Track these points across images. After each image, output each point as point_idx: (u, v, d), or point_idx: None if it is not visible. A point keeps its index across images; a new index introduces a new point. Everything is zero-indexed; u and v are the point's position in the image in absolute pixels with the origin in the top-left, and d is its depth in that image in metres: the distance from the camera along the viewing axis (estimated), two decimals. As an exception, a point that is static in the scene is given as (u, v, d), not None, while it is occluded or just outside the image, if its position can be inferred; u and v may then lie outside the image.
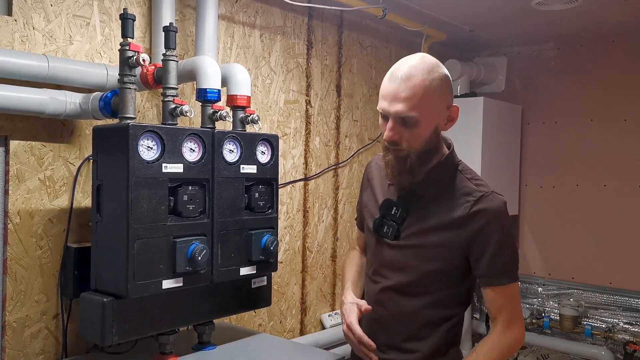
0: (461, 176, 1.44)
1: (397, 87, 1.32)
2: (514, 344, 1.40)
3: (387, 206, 1.48)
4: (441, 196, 1.42)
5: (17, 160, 1.65)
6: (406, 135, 1.35)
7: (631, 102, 3.24)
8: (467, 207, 1.38)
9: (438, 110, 1.36)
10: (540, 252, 3.59)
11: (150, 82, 1.60)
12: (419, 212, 1.44)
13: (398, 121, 1.34)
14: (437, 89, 1.34)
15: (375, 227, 1.51)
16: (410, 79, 1.31)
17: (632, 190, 3.23)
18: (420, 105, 1.31)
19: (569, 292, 3.45)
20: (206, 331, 1.72)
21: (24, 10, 1.65)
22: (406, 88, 1.31)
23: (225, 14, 2.25)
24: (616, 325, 3.26)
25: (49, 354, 1.72)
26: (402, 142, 1.36)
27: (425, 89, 1.31)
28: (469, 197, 1.39)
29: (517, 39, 3.51)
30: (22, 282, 1.67)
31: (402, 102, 1.31)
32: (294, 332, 2.62)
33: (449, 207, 1.40)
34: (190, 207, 1.53)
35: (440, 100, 1.36)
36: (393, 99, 1.32)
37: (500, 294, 1.39)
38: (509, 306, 1.39)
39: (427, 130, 1.36)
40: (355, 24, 2.93)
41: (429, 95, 1.32)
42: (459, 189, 1.41)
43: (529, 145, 3.63)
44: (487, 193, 1.40)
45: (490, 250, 1.37)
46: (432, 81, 1.33)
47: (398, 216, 1.45)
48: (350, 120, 2.92)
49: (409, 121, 1.33)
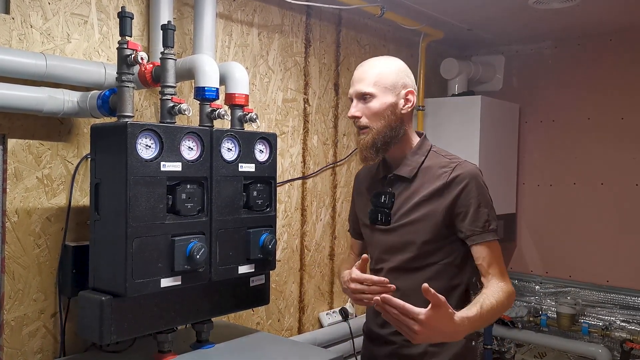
0: (436, 154, 1.60)
1: (360, 71, 1.58)
2: (512, 294, 1.46)
3: (377, 197, 1.63)
4: (420, 174, 1.57)
5: (14, 159, 1.65)
6: (366, 112, 1.54)
7: (628, 101, 3.24)
8: (445, 176, 1.52)
9: (392, 88, 1.53)
10: (538, 250, 3.59)
11: (149, 81, 1.60)
12: (404, 194, 1.58)
13: (359, 99, 1.55)
14: (392, 71, 1.55)
15: (371, 218, 1.63)
16: (369, 64, 1.58)
17: (629, 188, 3.24)
18: (375, 83, 1.53)
19: (566, 290, 3.46)
20: (204, 329, 1.72)
21: (22, 8, 1.64)
22: (365, 71, 1.56)
23: (223, 12, 2.25)
24: (613, 323, 3.26)
25: (47, 352, 1.72)
26: (362, 118, 1.54)
27: (379, 70, 1.54)
28: (445, 168, 1.54)
29: (515, 37, 3.52)
30: (20, 280, 1.66)
31: (361, 82, 1.55)
32: (292, 331, 2.63)
33: (429, 181, 1.55)
34: (188, 205, 1.53)
35: (394, 80, 1.54)
36: (355, 81, 1.56)
37: (488, 249, 1.49)
38: (497, 261, 1.50)
39: (383, 105, 1.52)
40: (353, 23, 2.93)
41: (383, 75, 1.53)
42: (435, 164, 1.57)
43: (527, 144, 3.64)
44: (461, 162, 1.56)
45: (472, 208, 1.49)
46: (388, 66, 1.56)
47: (387, 202, 1.59)
48: (348, 119, 2.92)
49: (366, 97, 1.53)
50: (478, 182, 1.52)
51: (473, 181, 1.51)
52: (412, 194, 1.56)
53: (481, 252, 1.49)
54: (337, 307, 2.84)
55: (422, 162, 1.57)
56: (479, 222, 1.49)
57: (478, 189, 1.51)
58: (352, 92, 1.57)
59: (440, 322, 1.25)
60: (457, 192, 1.50)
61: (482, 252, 1.49)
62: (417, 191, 1.55)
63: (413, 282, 1.50)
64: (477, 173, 1.53)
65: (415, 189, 1.56)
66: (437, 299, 1.23)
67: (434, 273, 1.54)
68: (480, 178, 1.53)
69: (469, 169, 1.53)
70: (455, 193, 1.50)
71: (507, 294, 1.45)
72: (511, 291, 1.47)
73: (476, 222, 1.49)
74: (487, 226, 1.50)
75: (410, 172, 1.57)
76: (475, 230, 1.49)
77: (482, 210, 1.50)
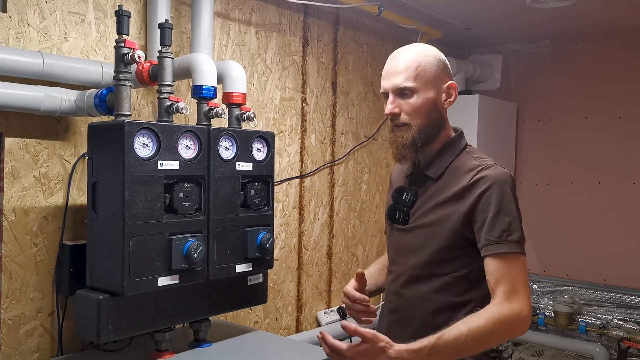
0: (467, 156, 1.47)
1: (395, 63, 1.43)
2: (511, 317, 1.25)
3: (399, 192, 1.53)
4: (446, 175, 1.45)
5: (12, 158, 1.64)
6: (405, 108, 1.42)
7: (625, 99, 3.25)
8: (469, 178, 1.39)
9: (434, 82, 1.42)
10: (535, 249, 3.60)
11: (146, 79, 1.60)
12: (426, 193, 1.47)
13: (397, 94, 1.42)
14: (433, 62, 1.43)
15: (389, 215, 1.55)
16: (406, 55, 1.43)
17: (626, 187, 3.25)
18: (416, 76, 1.40)
19: (563, 289, 3.47)
20: (202, 328, 1.72)
21: (19, 7, 1.64)
22: (403, 62, 1.42)
23: (221, 11, 2.25)
24: (610, 321, 3.27)
25: (44, 351, 1.72)
26: (402, 115, 1.42)
27: (420, 62, 1.41)
28: (472, 171, 1.40)
29: (513, 36, 3.52)
30: (18, 279, 1.66)
31: (399, 74, 1.41)
32: (289, 330, 2.63)
33: (453, 183, 1.42)
34: (186, 204, 1.53)
35: (436, 73, 1.43)
36: (391, 75, 1.42)
37: (500, 263, 1.30)
38: (509, 278, 1.28)
39: (425, 101, 1.41)
40: (351, 22, 2.93)
41: (424, 67, 1.41)
42: (464, 166, 1.43)
43: (524, 143, 3.64)
44: (490, 165, 1.41)
45: (491, 215, 1.33)
46: (427, 56, 1.43)
47: (408, 200, 1.49)
48: (346, 118, 2.92)
49: (406, 92, 1.41)
50: (503, 187, 1.35)
51: (497, 185, 1.35)
52: (434, 194, 1.44)
53: (491, 266, 1.31)
54: (335, 306, 2.85)
55: (451, 161, 1.45)
56: (496, 231, 1.32)
57: (501, 194, 1.34)
58: (388, 87, 1.43)
59: (372, 355, 1.20)
60: (477, 196, 1.35)
61: (492, 265, 1.31)
62: (439, 192, 1.43)
63: (418, 292, 1.45)
64: (506, 179, 1.37)
65: (438, 190, 1.44)
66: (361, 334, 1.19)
67: (443, 285, 1.41)
68: (507, 184, 1.36)
69: (496, 173, 1.37)
70: (476, 196, 1.35)
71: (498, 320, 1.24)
72: (510, 314, 1.25)
73: (492, 231, 1.32)
74: (504, 236, 1.31)
75: (436, 172, 1.45)
76: (490, 240, 1.31)
77: (503, 218, 1.32)
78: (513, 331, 1.29)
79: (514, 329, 1.28)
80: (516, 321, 1.26)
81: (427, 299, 1.44)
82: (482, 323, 1.23)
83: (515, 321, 1.26)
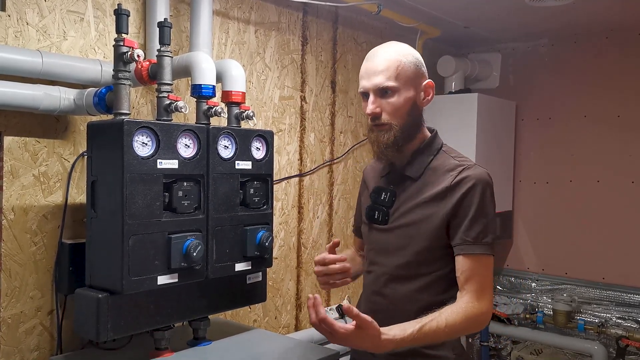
0: (445, 155, 1.49)
1: (374, 63, 1.43)
2: (480, 316, 1.35)
3: (377, 192, 1.54)
4: (426, 175, 1.47)
5: (11, 156, 1.65)
6: (387, 108, 1.42)
7: (624, 98, 3.25)
8: (451, 179, 1.42)
9: (414, 81, 1.44)
10: (534, 248, 3.60)
11: (145, 78, 1.60)
12: (406, 193, 1.48)
13: (377, 94, 1.42)
14: (412, 62, 1.44)
15: (368, 216, 1.55)
16: (385, 55, 1.43)
17: (625, 186, 3.25)
18: (397, 75, 1.41)
19: (562, 288, 3.48)
20: (201, 327, 1.72)
21: (18, 6, 1.64)
22: (382, 61, 1.42)
23: (220, 9, 2.25)
24: (609, 320, 3.28)
25: (43, 350, 1.72)
26: (383, 115, 1.42)
27: (400, 61, 1.42)
28: (452, 171, 1.43)
29: (512, 35, 3.52)
30: (17, 278, 1.66)
31: (379, 74, 1.41)
32: (289, 328, 2.63)
33: (433, 183, 1.44)
34: (185, 203, 1.53)
35: (415, 71, 1.44)
36: (371, 74, 1.42)
37: (473, 263, 1.37)
38: (479, 277, 1.37)
39: (406, 101, 1.43)
40: (350, 20, 2.93)
41: (404, 66, 1.42)
42: (443, 166, 1.46)
43: (523, 141, 3.64)
44: (470, 165, 1.44)
45: (470, 216, 1.38)
46: (406, 55, 1.44)
47: (387, 200, 1.50)
48: (345, 117, 2.92)
49: (387, 91, 1.41)
50: (485, 188, 1.40)
51: (479, 186, 1.39)
52: (414, 194, 1.46)
53: (463, 264, 1.38)
54: (334, 305, 2.85)
55: (429, 161, 1.47)
56: (473, 232, 1.38)
57: (482, 196, 1.39)
58: (368, 86, 1.43)
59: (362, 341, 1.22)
60: (460, 196, 1.39)
61: (465, 264, 1.37)
62: (420, 192, 1.45)
63: (400, 292, 1.46)
64: (487, 179, 1.42)
65: (418, 190, 1.46)
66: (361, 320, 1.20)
67: (425, 284, 1.44)
68: (488, 185, 1.41)
69: (477, 173, 1.41)
70: (459, 196, 1.39)
71: (470, 318, 1.33)
72: (480, 314, 1.34)
73: (469, 232, 1.38)
74: (480, 238, 1.38)
75: (416, 172, 1.47)
76: (467, 240, 1.38)
77: (480, 220, 1.38)
78: (479, 327, 1.38)
79: (480, 325, 1.38)
80: (483, 319, 1.37)
81: (410, 298, 1.46)
82: (457, 320, 1.31)
83: (483, 320, 1.37)
